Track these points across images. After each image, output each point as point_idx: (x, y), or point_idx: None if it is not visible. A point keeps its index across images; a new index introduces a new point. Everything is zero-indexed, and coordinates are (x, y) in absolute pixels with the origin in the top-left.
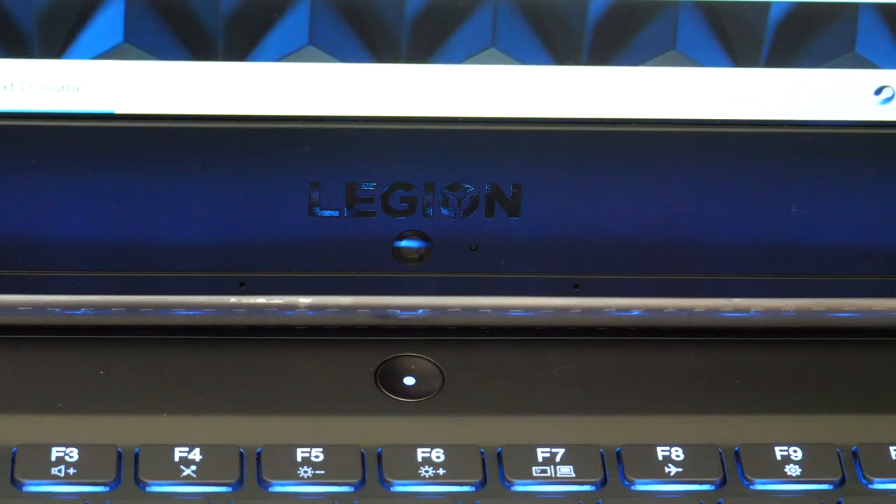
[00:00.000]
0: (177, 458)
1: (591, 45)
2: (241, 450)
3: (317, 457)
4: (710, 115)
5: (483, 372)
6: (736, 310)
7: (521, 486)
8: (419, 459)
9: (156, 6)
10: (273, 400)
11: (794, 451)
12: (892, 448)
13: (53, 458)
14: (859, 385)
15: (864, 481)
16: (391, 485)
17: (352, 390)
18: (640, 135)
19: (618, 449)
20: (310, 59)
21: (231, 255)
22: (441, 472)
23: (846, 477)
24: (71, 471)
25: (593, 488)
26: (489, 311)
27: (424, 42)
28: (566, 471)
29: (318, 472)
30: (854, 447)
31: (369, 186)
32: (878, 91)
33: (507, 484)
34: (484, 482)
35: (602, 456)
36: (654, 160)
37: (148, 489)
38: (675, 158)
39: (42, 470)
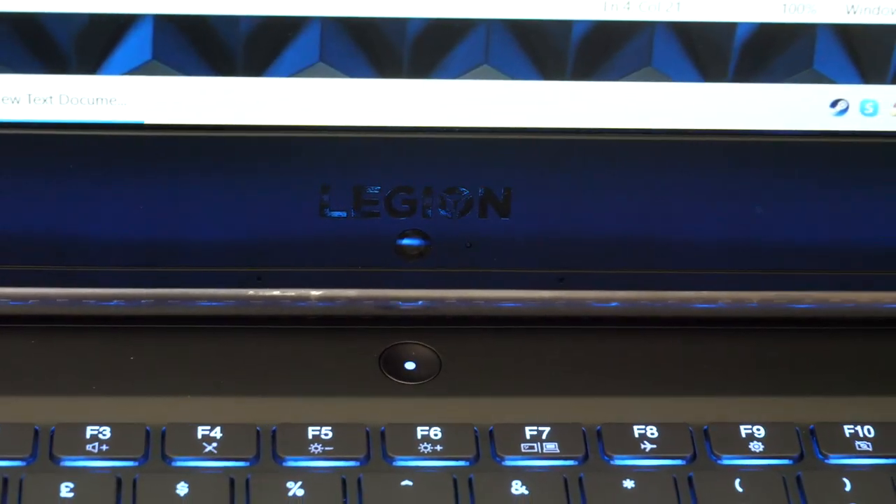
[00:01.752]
0: (199, 436)
1: (575, 61)
2: (258, 428)
3: (326, 435)
4: (682, 125)
5: (477, 358)
6: (705, 301)
7: (510, 461)
8: (419, 437)
9: (181, 26)
10: (286, 383)
11: (758, 430)
12: (846, 427)
13: (88, 436)
14: (817, 369)
15: (820, 457)
16: (393, 460)
17: (358, 374)
18: (620, 143)
19: (598, 427)
20: (320, 75)
21: (249, 251)
22: (439, 448)
23: (804, 453)
24: (104, 447)
25: (576, 463)
26: (482, 302)
27: (424, 59)
28: (551, 447)
29: (327, 448)
30: (812, 426)
31: (374, 190)
32: (834, 104)
33: (498, 459)
34: (477, 457)
35: (584, 434)
36: (632, 166)
37: (173, 464)
38: (650, 165)
39: (78, 446)
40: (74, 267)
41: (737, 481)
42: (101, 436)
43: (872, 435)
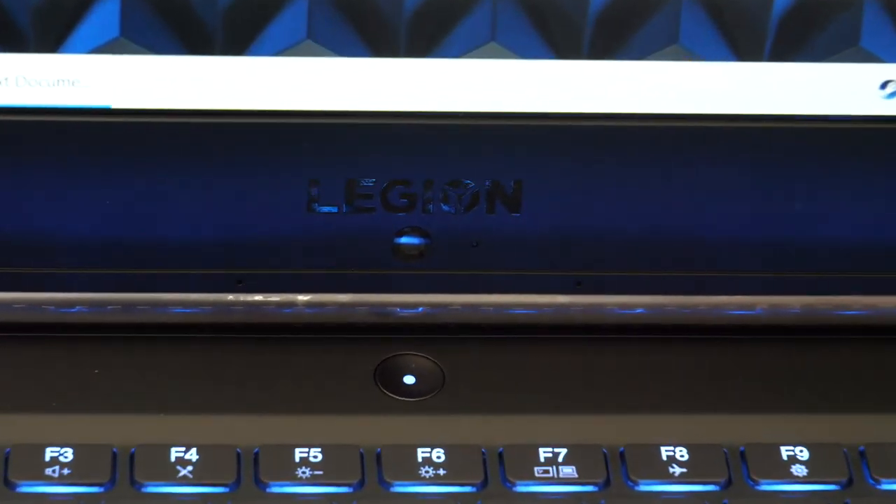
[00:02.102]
0: (173, 459)
1: (593, 38)
2: (239, 450)
3: (315, 457)
4: (713, 109)
5: (484, 370)
6: (741, 307)
7: (522, 487)
8: (419, 460)
9: (152, 0)
10: (271, 399)
11: (801, 451)
12: None
13: (48, 459)
14: (867, 384)
15: (871, 482)
16: (391, 485)
17: (351, 389)
18: (643, 130)
19: (621, 449)
20: (308, 54)
21: (228, 251)
22: (441, 472)
23: (853, 477)
24: (65, 471)
25: (596, 489)
26: (490, 308)
27: (424, 36)
28: (569, 471)
29: (316, 472)
30: (861, 447)
31: (368, 182)
32: (884, 85)
33: (508, 484)
34: (485, 483)
35: (605, 456)
36: (657, 155)
37: (143, 490)
38: (678, 153)
39: (36, 470)
40: (32, 269)
41: None
42: (62, 458)
43: None
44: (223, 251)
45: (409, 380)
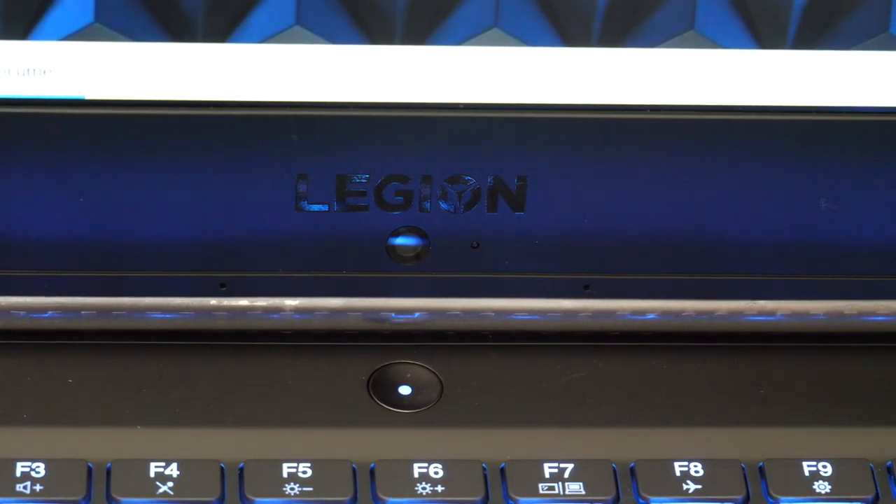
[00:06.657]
0: (152, 474)
1: (603, 24)
2: (223, 465)
3: (304, 472)
4: (732, 101)
5: (485, 380)
6: (761, 313)
7: None
8: (416, 475)
9: None
10: (257, 411)
11: (824, 467)
12: None
13: (19, 474)
14: (894, 395)
15: None
16: (385, 503)
17: (342, 400)
18: (656, 122)
19: (632, 464)
20: (297, 41)
21: (211, 253)
22: (439, 488)
23: (880, 494)
24: (38, 487)
25: None
26: (491, 314)
27: (422, 22)
28: (575, 488)
29: (305, 488)
30: (889, 462)
31: (361, 178)
32: None
33: (511, 502)
34: (486, 500)
35: (614, 472)
36: (672, 150)
37: None
38: (694, 148)
39: (6, 486)
40: (0, 271)
41: None
42: (34, 473)
43: None
44: (206, 252)
45: (404, 390)
